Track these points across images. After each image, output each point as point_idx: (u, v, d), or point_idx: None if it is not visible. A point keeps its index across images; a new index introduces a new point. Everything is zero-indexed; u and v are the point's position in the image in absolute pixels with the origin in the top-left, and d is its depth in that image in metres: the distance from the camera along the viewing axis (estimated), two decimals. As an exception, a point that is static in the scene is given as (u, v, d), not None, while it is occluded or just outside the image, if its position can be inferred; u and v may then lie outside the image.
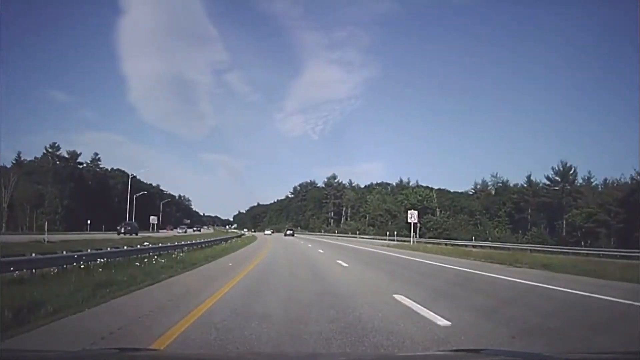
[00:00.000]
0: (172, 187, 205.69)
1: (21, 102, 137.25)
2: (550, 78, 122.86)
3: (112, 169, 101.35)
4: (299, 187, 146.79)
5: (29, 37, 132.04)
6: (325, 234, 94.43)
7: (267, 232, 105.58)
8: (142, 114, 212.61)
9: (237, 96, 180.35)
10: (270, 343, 4.98)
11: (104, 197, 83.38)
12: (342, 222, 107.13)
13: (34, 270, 9.88)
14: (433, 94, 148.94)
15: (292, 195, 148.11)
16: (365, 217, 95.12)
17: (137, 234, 45.67)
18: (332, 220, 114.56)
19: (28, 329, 5.50)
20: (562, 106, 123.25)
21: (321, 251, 28.04)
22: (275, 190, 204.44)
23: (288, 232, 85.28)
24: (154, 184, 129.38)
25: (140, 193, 76.92)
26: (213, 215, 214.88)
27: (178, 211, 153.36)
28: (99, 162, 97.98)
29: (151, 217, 76.10)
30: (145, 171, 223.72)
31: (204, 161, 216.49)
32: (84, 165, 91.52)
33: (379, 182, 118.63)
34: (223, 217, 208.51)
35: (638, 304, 7.82)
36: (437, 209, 76.28)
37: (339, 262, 18.31)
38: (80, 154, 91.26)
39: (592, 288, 10.54)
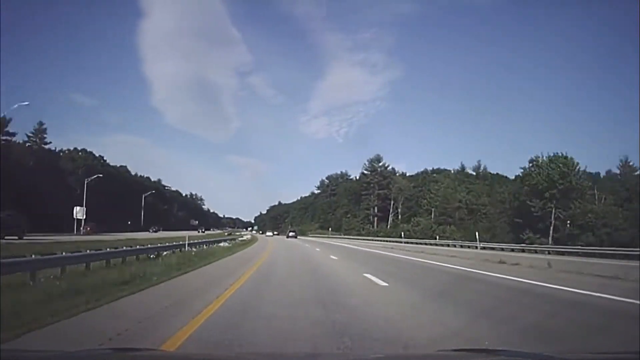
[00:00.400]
0: (195, 189, 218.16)
1: (46, 106, 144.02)
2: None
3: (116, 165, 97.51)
4: (327, 181, 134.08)
5: (51, 42, 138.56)
6: (366, 237, 76.58)
7: (268, 233, 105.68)
8: (166, 116, 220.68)
9: (261, 99, 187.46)
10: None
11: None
12: (389, 220, 74.88)
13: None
14: (457, 94, 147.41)
15: (319, 191, 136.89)
16: (431, 214, 77.19)
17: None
18: (374, 218, 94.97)
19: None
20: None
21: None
22: (299, 193, 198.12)
23: (290, 233, 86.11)
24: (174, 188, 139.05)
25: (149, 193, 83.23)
26: (234, 217, 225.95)
27: (181, 210, 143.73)
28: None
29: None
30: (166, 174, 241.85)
31: (227, 164, 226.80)
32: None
33: (434, 168, 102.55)
34: (245, 219, 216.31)
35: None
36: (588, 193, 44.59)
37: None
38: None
39: None
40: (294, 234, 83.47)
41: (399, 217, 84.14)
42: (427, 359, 3.43)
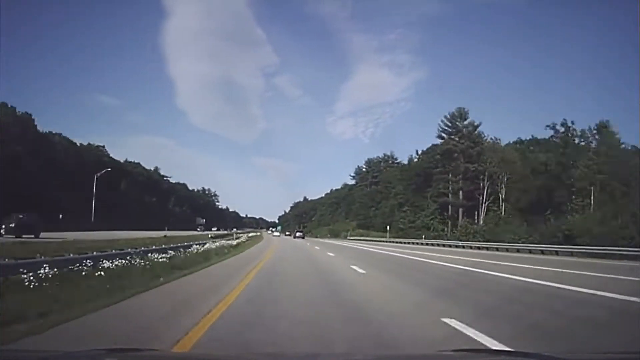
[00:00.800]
0: (220, 191, 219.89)
1: (72, 107, 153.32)
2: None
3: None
4: (365, 167, 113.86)
5: (75, 44, 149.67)
6: (443, 242, 48.40)
7: (275, 233, 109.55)
8: (191, 117, 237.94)
9: (287, 99, 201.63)
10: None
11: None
12: (481, 212, 38.83)
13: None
14: (483, 94, 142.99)
15: (355, 181, 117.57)
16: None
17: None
18: (456, 212, 60.98)
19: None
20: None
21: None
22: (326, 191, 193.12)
23: (297, 233, 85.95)
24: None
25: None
26: (257, 217, 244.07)
27: (183, 205, 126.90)
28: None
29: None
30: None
31: (253, 164, 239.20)
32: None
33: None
34: (269, 219, 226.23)
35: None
36: None
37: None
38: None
39: None
40: (301, 234, 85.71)
41: (502, 204, 50.90)
42: (427, 359, 3.49)
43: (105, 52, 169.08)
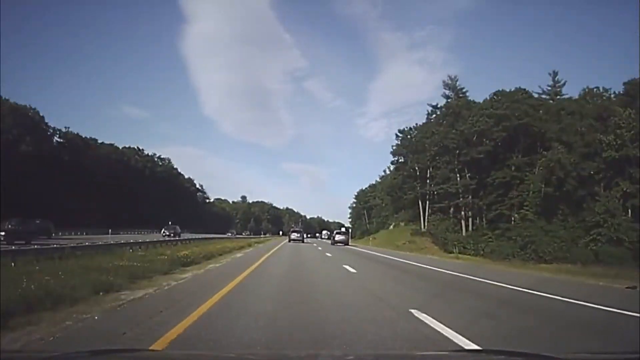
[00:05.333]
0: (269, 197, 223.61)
1: (99, 119, 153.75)
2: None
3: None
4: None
5: (98, 55, 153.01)
6: None
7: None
8: (221, 126, 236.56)
9: (319, 103, 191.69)
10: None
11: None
12: None
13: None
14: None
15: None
16: None
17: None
18: None
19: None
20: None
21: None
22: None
23: (293, 234, 62.70)
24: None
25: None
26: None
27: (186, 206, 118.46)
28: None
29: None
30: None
31: (285, 170, 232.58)
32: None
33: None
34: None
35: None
36: None
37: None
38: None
39: None
40: (297, 234, 62.54)
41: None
42: (427, 359, 3.51)
43: (131, 64, 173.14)
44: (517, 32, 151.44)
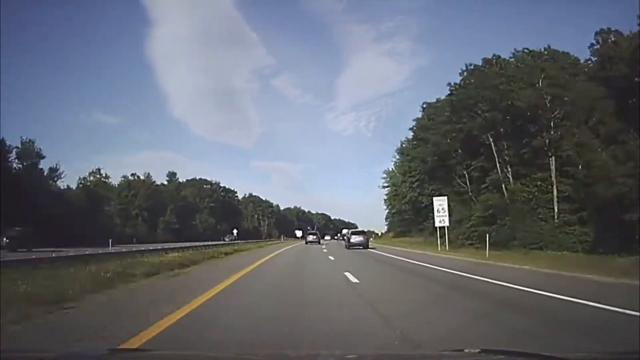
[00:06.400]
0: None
1: (69, 128, 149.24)
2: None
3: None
4: None
5: (64, 63, 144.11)
6: None
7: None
8: (192, 128, 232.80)
9: (287, 100, 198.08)
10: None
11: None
12: None
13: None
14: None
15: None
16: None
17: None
18: None
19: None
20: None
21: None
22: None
23: (310, 237, 62.26)
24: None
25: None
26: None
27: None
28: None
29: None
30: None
31: (255, 169, 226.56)
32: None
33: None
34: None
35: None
36: None
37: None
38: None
39: None
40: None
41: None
42: (427, 359, 3.51)
43: (98, 70, 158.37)
44: (486, 19, 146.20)
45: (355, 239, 41.13)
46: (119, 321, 6.82)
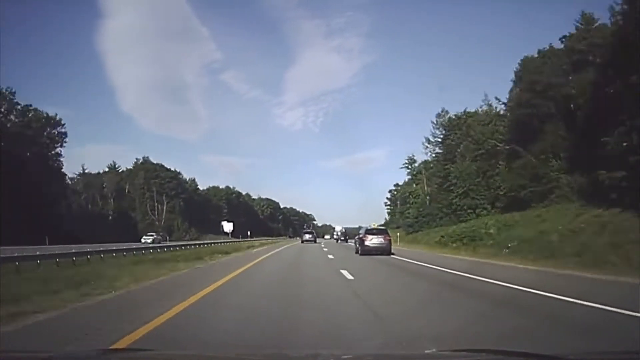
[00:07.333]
0: None
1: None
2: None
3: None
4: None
5: (10, 53, 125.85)
6: None
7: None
8: (140, 122, 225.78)
9: (235, 95, 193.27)
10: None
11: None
12: None
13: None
14: (435, 76, 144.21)
15: None
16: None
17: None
18: None
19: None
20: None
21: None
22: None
23: (306, 236, 63.64)
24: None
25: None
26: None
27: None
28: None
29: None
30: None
31: (203, 162, 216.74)
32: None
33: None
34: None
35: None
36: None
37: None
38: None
39: None
40: (311, 235, 64.77)
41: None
42: (427, 359, 3.51)
43: (48, 62, 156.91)
44: (434, 19, 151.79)
45: (372, 240, 27.55)
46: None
